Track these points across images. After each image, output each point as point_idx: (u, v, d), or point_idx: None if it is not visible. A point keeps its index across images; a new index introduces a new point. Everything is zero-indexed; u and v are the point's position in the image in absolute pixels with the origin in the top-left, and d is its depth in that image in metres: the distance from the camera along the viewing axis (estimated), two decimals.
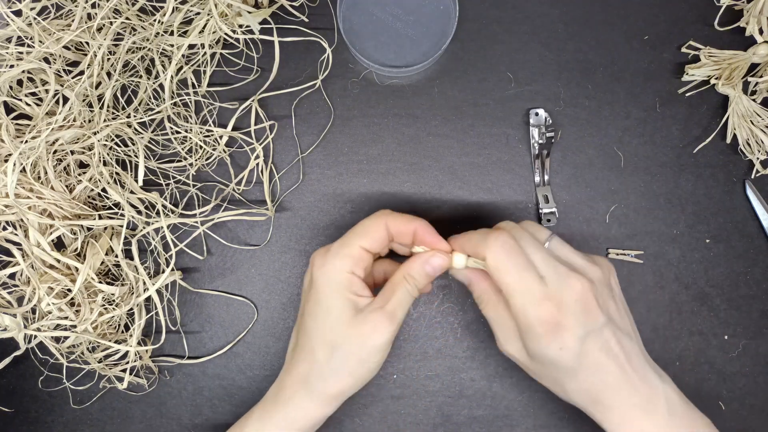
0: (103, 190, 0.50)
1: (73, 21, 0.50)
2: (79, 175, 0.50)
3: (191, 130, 0.52)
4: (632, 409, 0.38)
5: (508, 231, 0.40)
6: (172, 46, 0.51)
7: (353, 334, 0.39)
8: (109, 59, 0.51)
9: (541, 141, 0.52)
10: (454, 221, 0.52)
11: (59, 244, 0.50)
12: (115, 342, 0.49)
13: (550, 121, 0.52)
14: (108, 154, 0.50)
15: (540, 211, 0.51)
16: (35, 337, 0.49)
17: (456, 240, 0.43)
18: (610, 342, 0.38)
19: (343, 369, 0.40)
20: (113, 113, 0.51)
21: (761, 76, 0.51)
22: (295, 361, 0.42)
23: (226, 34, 0.50)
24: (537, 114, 0.52)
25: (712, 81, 0.51)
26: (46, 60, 0.50)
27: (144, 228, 0.50)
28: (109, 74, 0.51)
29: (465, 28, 0.53)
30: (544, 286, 0.38)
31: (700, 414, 0.40)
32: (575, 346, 0.37)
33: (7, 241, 0.49)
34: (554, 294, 0.37)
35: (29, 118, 0.51)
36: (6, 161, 0.47)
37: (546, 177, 0.52)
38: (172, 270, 0.50)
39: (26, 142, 0.46)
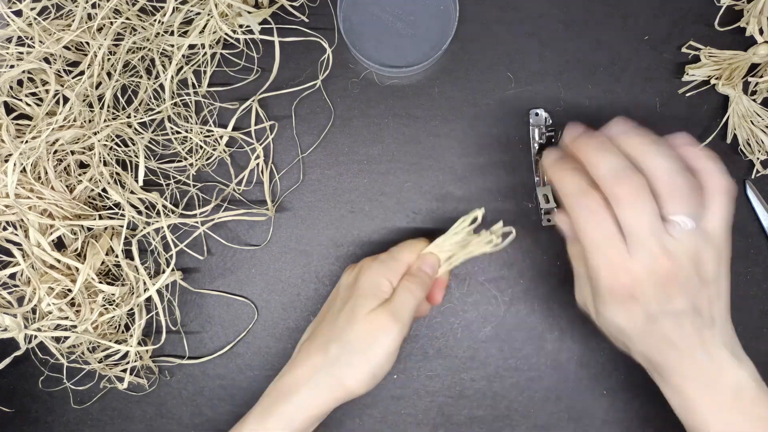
0: (104, 190, 0.50)
1: (73, 21, 0.50)
2: (80, 175, 0.50)
3: (191, 130, 0.52)
4: (691, 384, 0.37)
5: (622, 180, 0.36)
6: (172, 46, 0.51)
7: (364, 330, 0.41)
8: (109, 59, 0.51)
9: (541, 141, 0.52)
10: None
11: (59, 245, 0.50)
12: (116, 342, 0.49)
13: (551, 121, 0.52)
14: (108, 154, 0.50)
15: (540, 211, 0.51)
16: (35, 337, 0.49)
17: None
18: (685, 329, 0.36)
19: (357, 361, 0.41)
20: (113, 113, 0.51)
21: (761, 76, 0.51)
22: (307, 355, 0.43)
23: (226, 34, 0.50)
24: (537, 114, 0.52)
25: (713, 81, 0.51)
26: (47, 60, 0.50)
27: (144, 228, 0.50)
28: (109, 74, 0.51)
29: (465, 28, 0.53)
30: (626, 257, 0.36)
31: None
32: (644, 322, 0.37)
33: (8, 241, 0.49)
34: (635, 268, 0.36)
35: (29, 118, 0.51)
36: (6, 161, 0.47)
37: (546, 177, 0.52)
38: (173, 270, 0.50)
39: (26, 142, 0.46)
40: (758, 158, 0.51)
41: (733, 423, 0.36)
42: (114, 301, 0.49)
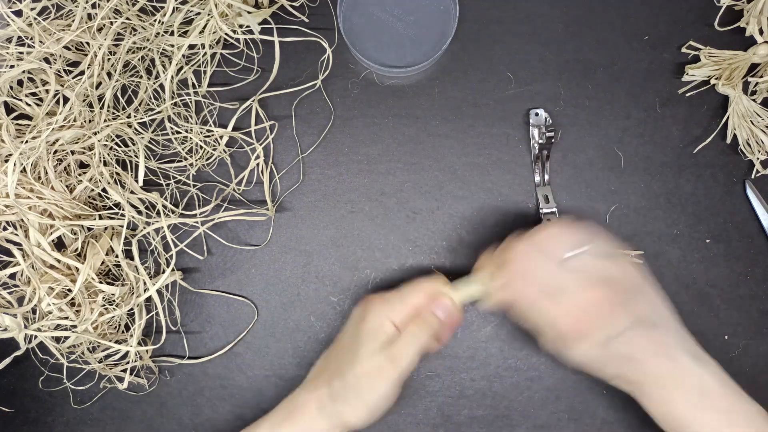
0: (104, 190, 0.50)
1: (73, 21, 0.50)
2: (80, 175, 0.50)
3: (191, 130, 0.52)
4: (661, 391, 0.40)
5: (517, 257, 0.42)
6: (172, 46, 0.51)
7: (363, 373, 0.42)
8: (109, 59, 0.51)
9: (541, 141, 0.52)
10: (454, 222, 0.52)
11: (59, 244, 0.50)
12: (116, 342, 0.49)
13: (550, 121, 0.52)
14: (108, 154, 0.50)
15: (540, 211, 0.51)
16: (35, 337, 0.49)
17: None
18: (636, 340, 0.40)
19: (354, 400, 0.42)
20: (113, 113, 0.51)
21: (761, 76, 0.51)
22: (315, 383, 0.44)
23: (226, 34, 0.50)
24: (537, 114, 0.52)
25: (712, 81, 0.51)
26: (47, 60, 0.50)
27: (144, 228, 0.50)
28: (109, 74, 0.51)
29: (465, 28, 0.53)
30: (558, 305, 0.41)
31: (744, 399, 0.40)
32: (598, 350, 0.41)
33: (8, 241, 0.49)
34: (570, 309, 0.41)
35: (29, 118, 0.51)
36: (6, 161, 0.47)
37: (546, 177, 0.52)
38: (173, 270, 0.50)
39: (26, 142, 0.46)
40: (758, 158, 0.51)
41: (707, 421, 0.39)
42: (114, 301, 0.49)
